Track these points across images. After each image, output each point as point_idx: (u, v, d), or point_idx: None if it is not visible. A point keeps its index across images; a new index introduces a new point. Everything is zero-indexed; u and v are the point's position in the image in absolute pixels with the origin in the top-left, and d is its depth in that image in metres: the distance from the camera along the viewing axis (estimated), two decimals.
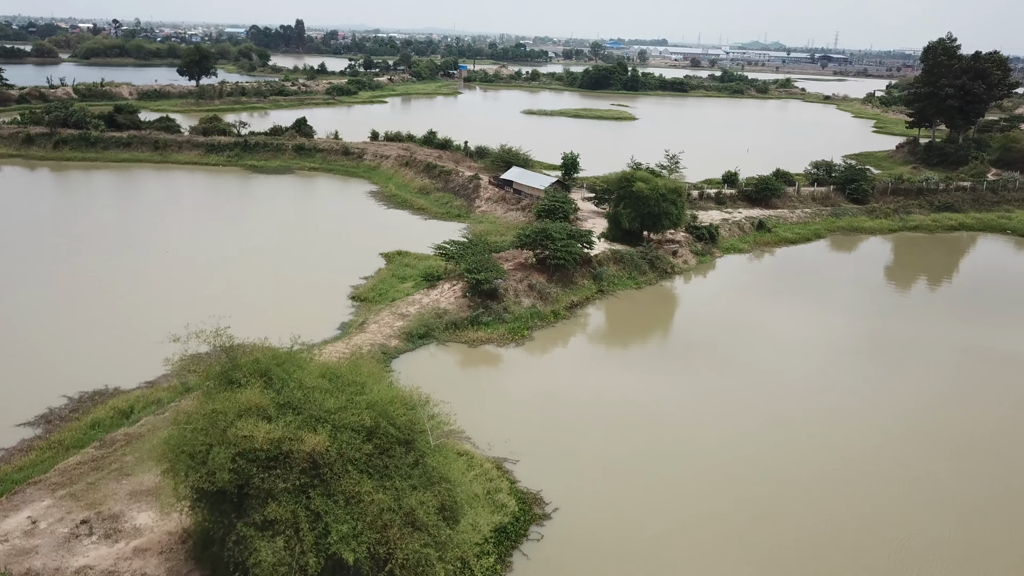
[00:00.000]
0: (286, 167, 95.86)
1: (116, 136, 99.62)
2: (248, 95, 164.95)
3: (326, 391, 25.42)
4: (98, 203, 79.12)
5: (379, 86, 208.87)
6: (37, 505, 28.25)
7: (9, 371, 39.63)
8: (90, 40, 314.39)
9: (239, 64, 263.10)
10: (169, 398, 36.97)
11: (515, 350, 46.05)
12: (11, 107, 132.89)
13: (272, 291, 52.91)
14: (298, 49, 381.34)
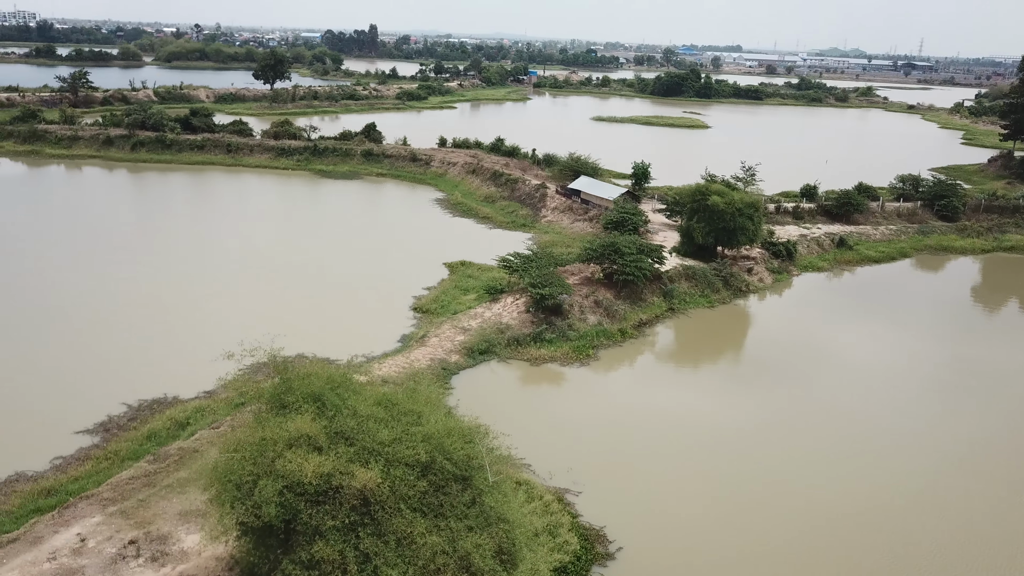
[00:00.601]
0: (354, 172, 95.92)
1: (191, 139, 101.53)
2: (320, 99, 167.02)
3: (381, 421, 24.01)
4: (171, 206, 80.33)
5: (449, 91, 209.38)
6: (87, 521, 27.63)
7: (73, 376, 39.62)
8: (172, 44, 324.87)
9: (313, 68, 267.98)
10: (225, 411, 36.25)
11: (579, 370, 44.11)
12: (95, 108, 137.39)
13: (335, 299, 52.22)
14: (371, 54, 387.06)
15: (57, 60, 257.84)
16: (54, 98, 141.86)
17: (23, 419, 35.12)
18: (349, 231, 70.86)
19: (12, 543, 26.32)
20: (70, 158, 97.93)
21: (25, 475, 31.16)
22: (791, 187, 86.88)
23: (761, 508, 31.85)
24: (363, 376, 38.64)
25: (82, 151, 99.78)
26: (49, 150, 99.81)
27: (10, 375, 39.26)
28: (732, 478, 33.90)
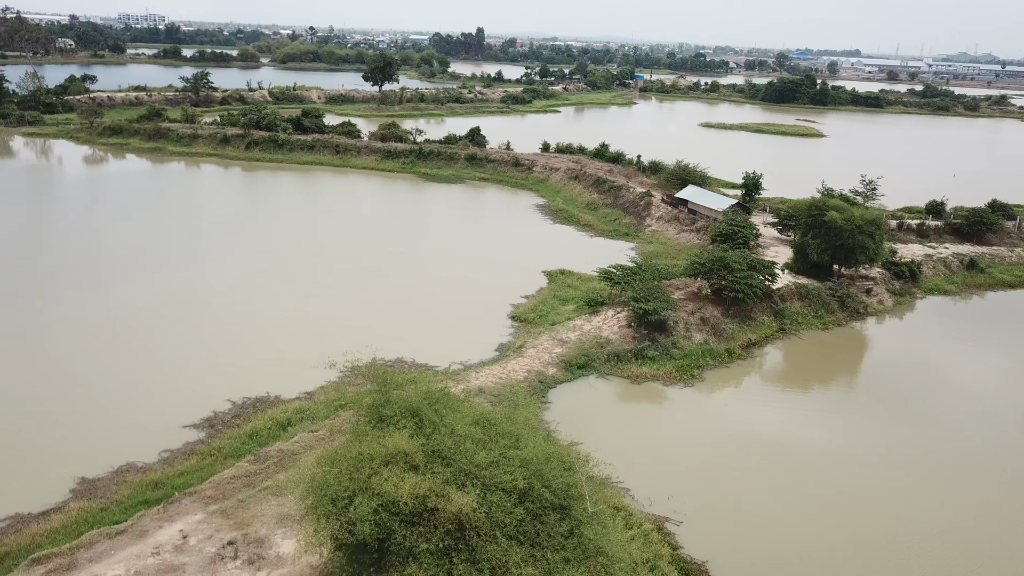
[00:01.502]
0: (457, 176, 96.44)
1: (301, 139, 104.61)
2: (426, 101, 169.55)
3: (478, 442, 23.30)
4: (281, 205, 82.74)
5: (553, 95, 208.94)
6: (190, 519, 28.10)
7: (184, 370, 40.81)
8: (288, 46, 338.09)
9: (420, 70, 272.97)
10: (324, 413, 36.54)
11: (683, 390, 42.34)
12: (214, 108, 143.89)
13: (434, 304, 52.15)
14: (477, 56, 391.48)
15: (182, 61, 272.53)
16: (177, 97, 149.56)
17: (136, 411, 36.31)
18: (450, 235, 71.01)
19: (120, 535, 27.01)
20: (190, 155, 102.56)
21: (135, 466, 32.13)
22: (915, 203, 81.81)
23: (879, 548, 29.52)
24: (459, 384, 38.24)
25: (201, 149, 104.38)
26: (171, 147, 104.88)
27: (127, 367, 40.80)
28: (847, 514, 31.67)
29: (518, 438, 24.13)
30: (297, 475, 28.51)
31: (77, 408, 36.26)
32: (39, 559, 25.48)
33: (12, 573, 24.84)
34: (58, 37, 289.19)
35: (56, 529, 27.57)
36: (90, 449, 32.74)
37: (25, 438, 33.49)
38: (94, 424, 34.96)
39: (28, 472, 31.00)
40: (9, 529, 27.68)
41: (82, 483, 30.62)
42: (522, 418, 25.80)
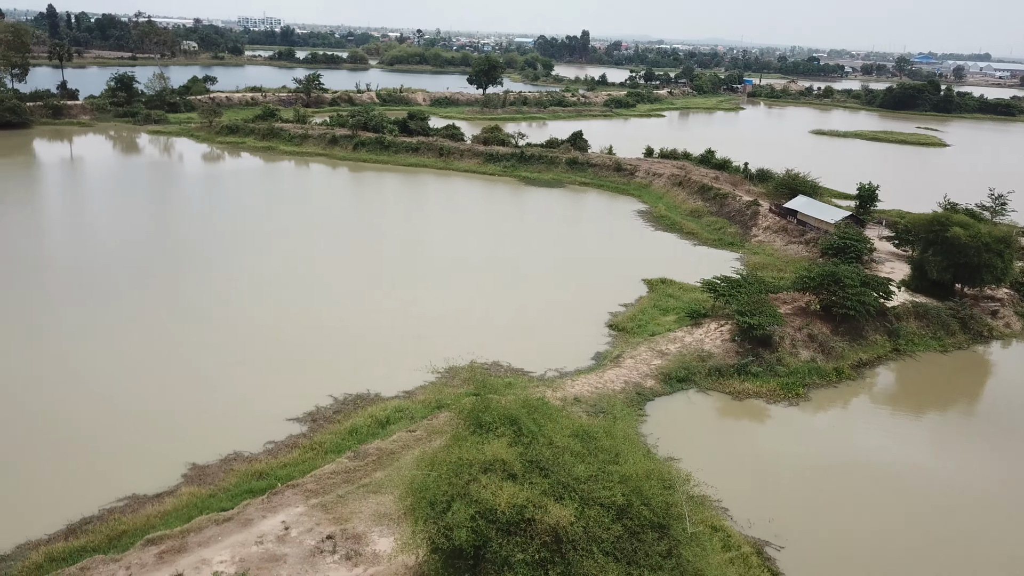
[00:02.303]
0: (558, 180, 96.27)
1: (407, 141, 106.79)
2: (529, 105, 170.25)
3: (577, 455, 23.01)
4: (385, 206, 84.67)
5: (657, 99, 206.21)
6: (291, 511, 28.91)
7: (289, 365, 42.13)
8: (396, 48, 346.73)
9: (524, 73, 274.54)
10: (422, 413, 36.96)
11: (787, 409, 40.71)
12: (324, 108, 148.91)
13: (531, 308, 52.12)
14: (581, 59, 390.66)
15: (295, 62, 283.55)
16: (290, 98, 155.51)
17: (245, 402, 37.71)
18: (549, 240, 70.88)
19: (227, 521, 28.06)
20: (300, 155, 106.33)
21: (242, 455, 33.34)
22: None
23: None
24: (555, 392, 38.13)
25: (311, 149, 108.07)
26: (283, 147, 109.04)
27: (239, 359, 42.45)
28: (965, 552, 29.65)
29: (617, 453, 23.72)
30: (396, 475, 28.96)
31: (191, 396, 37.96)
32: (153, 540, 26.75)
33: (129, 551, 26.17)
34: (183, 40, 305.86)
35: (168, 512, 28.90)
36: (201, 437, 34.18)
37: (144, 423, 35.29)
38: (206, 413, 36.49)
39: (145, 456, 32.60)
40: (127, 509, 29.20)
41: (193, 469, 32.02)
42: (622, 433, 25.35)
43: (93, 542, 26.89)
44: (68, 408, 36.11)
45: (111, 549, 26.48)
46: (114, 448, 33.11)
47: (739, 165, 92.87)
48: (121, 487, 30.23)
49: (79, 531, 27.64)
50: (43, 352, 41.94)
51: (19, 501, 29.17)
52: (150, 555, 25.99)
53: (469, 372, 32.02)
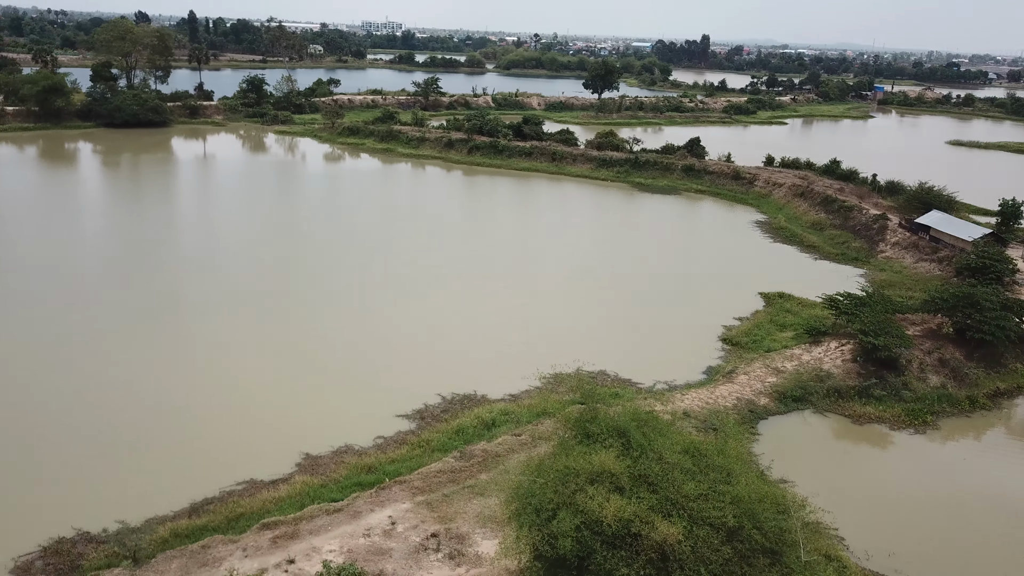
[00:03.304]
0: (672, 187, 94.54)
1: (520, 145, 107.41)
2: (645, 110, 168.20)
3: (687, 472, 22.35)
4: (498, 210, 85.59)
5: (780, 106, 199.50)
6: (398, 506, 29.47)
7: (401, 362, 43.05)
8: (512, 53, 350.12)
9: (640, 78, 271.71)
10: (528, 417, 36.97)
11: (913, 438, 38.33)
12: (441, 112, 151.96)
13: (641, 318, 51.31)
14: (700, 64, 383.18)
15: (415, 66, 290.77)
16: (409, 101, 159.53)
17: (357, 396, 38.79)
18: (661, 248, 69.69)
19: (337, 512, 28.89)
20: (416, 157, 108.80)
21: (352, 448, 34.29)
22: None
23: None
24: (664, 405, 37.31)
25: (427, 152, 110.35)
26: (401, 149, 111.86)
27: (354, 354, 43.73)
28: None
29: (729, 472, 22.93)
30: (501, 478, 29.01)
31: (308, 389, 39.31)
32: (268, 524, 27.86)
33: (246, 533, 27.35)
34: (310, 43, 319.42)
35: (282, 498, 30.02)
36: (315, 428, 35.35)
37: (264, 412, 36.83)
38: (320, 406, 37.71)
39: (263, 443, 34.00)
40: (244, 492, 30.54)
41: (306, 459, 33.15)
42: (734, 452, 24.52)
43: (213, 522, 28.26)
44: (196, 395, 38.16)
45: (229, 530, 27.75)
46: (235, 435, 34.71)
47: (866, 176, 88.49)
48: (240, 472, 31.65)
49: (201, 511, 29.10)
50: (173, 342, 44.48)
51: (149, 480, 30.98)
52: (265, 539, 27.08)
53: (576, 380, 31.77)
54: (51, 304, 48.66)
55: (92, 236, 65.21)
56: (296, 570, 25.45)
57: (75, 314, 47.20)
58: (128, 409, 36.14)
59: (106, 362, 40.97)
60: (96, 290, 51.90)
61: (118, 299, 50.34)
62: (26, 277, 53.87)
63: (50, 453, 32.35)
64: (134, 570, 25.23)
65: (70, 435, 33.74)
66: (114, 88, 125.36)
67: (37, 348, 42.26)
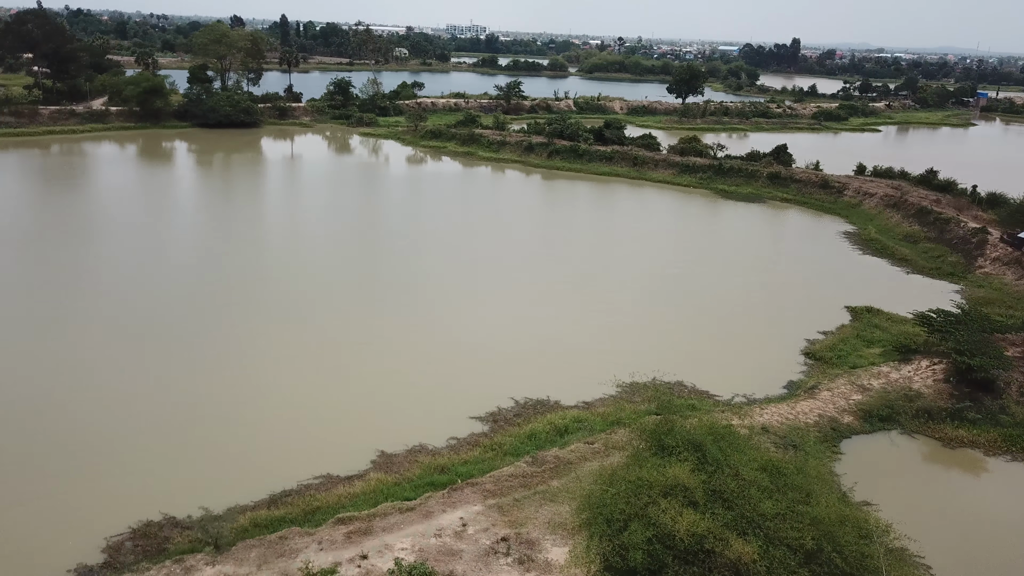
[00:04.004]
0: (757, 195, 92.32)
1: (601, 150, 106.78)
2: (730, 115, 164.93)
3: (764, 490, 21.86)
4: (577, 215, 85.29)
5: (873, 112, 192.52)
6: (470, 508, 29.65)
7: (475, 365, 43.40)
8: (595, 56, 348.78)
9: (726, 83, 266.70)
10: (601, 426, 36.64)
11: (1010, 464, 36.26)
12: (523, 115, 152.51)
13: (720, 328, 50.26)
14: (789, 69, 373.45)
15: (497, 69, 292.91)
16: (490, 104, 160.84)
17: (432, 398, 39.15)
18: (743, 257, 68.07)
19: (410, 511, 29.27)
20: (496, 161, 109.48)
21: (426, 448, 34.69)
22: None
23: None
24: (742, 419, 36.41)
25: (507, 155, 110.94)
26: (481, 152, 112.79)
27: (430, 357, 44.23)
28: None
29: (809, 493, 22.30)
30: (572, 486, 28.94)
31: (385, 387, 40.00)
32: (343, 519, 28.47)
33: (322, 527, 28.02)
34: (395, 47, 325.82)
35: (357, 494, 30.59)
36: (391, 427, 35.90)
37: (342, 409, 37.66)
38: (396, 404, 38.29)
39: (339, 439, 34.73)
40: (321, 487, 31.28)
41: (381, 456, 33.71)
42: (814, 471, 23.83)
43: (291, 514, 29.03)
44: (279, 390, 39.31)
45: (306, 523, 28.46)
46: (314, 430, 35.56)
47: (965, 187, 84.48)
48: (318, 466, 32.43)
49: (279, 502, 29.94)
50: (258, 338, 45.95)
51: (232, 470, 32.09)
52: (339, 533, 27.67)
53: (652, 390, 31.52)
54: (145, 293, 51.03)
55: (186, 232, 68.06)
56: (368, 566, 25.90)
57: (168, 305, 49.37)
58: (214, 401, 37.53)
59: (196, 354, 42.62)
60: (188, 282, 54.06)
61: (206, 293, 52.35)
62: (127, 266, 56.61)
63: (142, 440, 33.85)
64: (215, 556, 26.15)
65: (161, 424, 35.26)
66: (209, 90, 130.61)
67: (133, 338, 44.33)
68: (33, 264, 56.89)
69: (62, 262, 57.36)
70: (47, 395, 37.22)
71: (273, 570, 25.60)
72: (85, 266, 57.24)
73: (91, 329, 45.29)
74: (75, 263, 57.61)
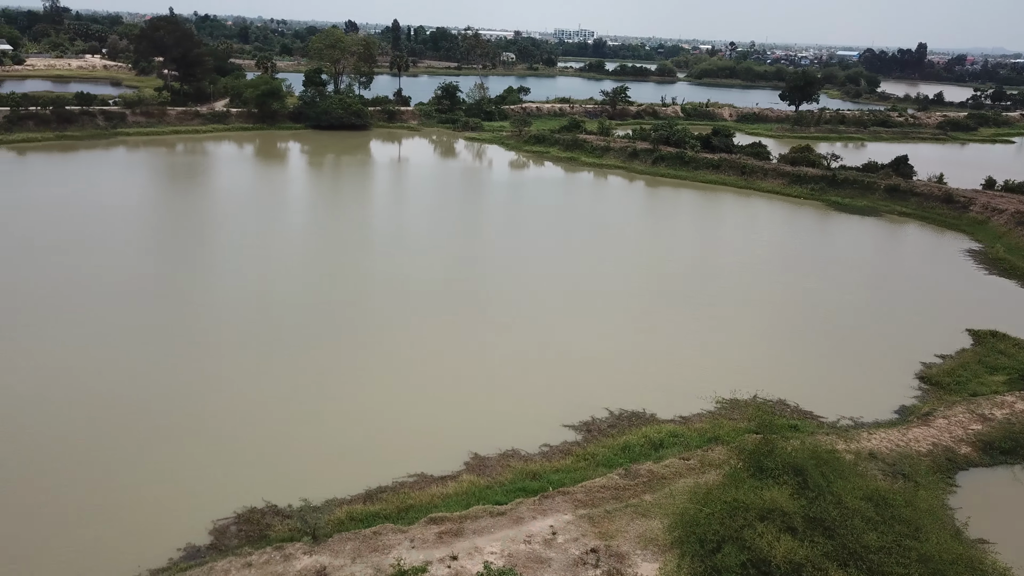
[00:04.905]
0: (873, 208, 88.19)
1: (707, 158, 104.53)
2: (847, 124, 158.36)
3: (869, 521, 20.85)
4: (680, 224, 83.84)
5: (1007, 122, 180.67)
6: (560, 517, 29.58)
7: (571, 375, 43.18)
8: (705, 61, 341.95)
9: (844, 90, 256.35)
10: (697, 442, 35.88)
11: None
12: (628, 121, 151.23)
13: (829, 348, 48.26)
14: (913, 75, 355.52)
15: (604, 74, 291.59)
16: (596, 110, 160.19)
17: (527, 404, 39.28)
18: (856, 272, 65.15)
19: (500, 515, 29.45)
20: (599, 167, 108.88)
21: (519, 453, 34.84)
22: None
23: None
24: (847, 443, 34.81)
25: (610, 161, 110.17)
26: (584, 158, 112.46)
27: (526, 363, 44.43)
28: None
29: (918, 527, 21.10)
30: (666, 501, 28.46)
31: (481, 391, 40.42)
32: (435, 519, 28.93)
33: (414, 525, 28.56)
34: (503, 52, 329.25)
35: (450, 495, 31.04)
36: (485, 430, 36.25)
37: (438, 410, 38.27)
38: (491, 408, 38.64)
39: (434, 440, 35.30)
40: (415, 485, 31.89)
41: (474, 459, 34.08)
42: (925, 504, 22.51)
43: (385, 510, 29.73)
44: (378, 389, 40.33)
45: (399, 520, 29.08)
46: (410, 429, 36.27)
47: None
48: (413, 465, 33.10)
49: (375, 498, 30.72)
50: (361, 340, 47.26)
51: (331, 464, 33.13)
52: (431, 532, 28.14)
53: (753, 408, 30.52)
54: (260, 294, 53.48)
55: (298, 234, 70.81)
56: (458, 567, 26.22)
57: (280, 306, 51.53)
58: (318, 399, 38.79)
59: (303, 355, 44.18)
60: (300, 286, 56.18)
61: (315, 296, 54.29)
62: (246, 267, 59.50)
63: (251, 431, 35.42)
64: (312, 546, 27.08)
65: (268, 417, 36.79)
66: (322, 93, 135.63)
67: (249, 337, 46.50)
68: (163, 263, 60.58)
69: (186, 263, 60.98)
70: (169, 386, 39.45)
71: (366, 564, 26.29)
72: (208, 268, 60.60)
73: (212, 328, 47.74)
74: (198, 264, 61.13)
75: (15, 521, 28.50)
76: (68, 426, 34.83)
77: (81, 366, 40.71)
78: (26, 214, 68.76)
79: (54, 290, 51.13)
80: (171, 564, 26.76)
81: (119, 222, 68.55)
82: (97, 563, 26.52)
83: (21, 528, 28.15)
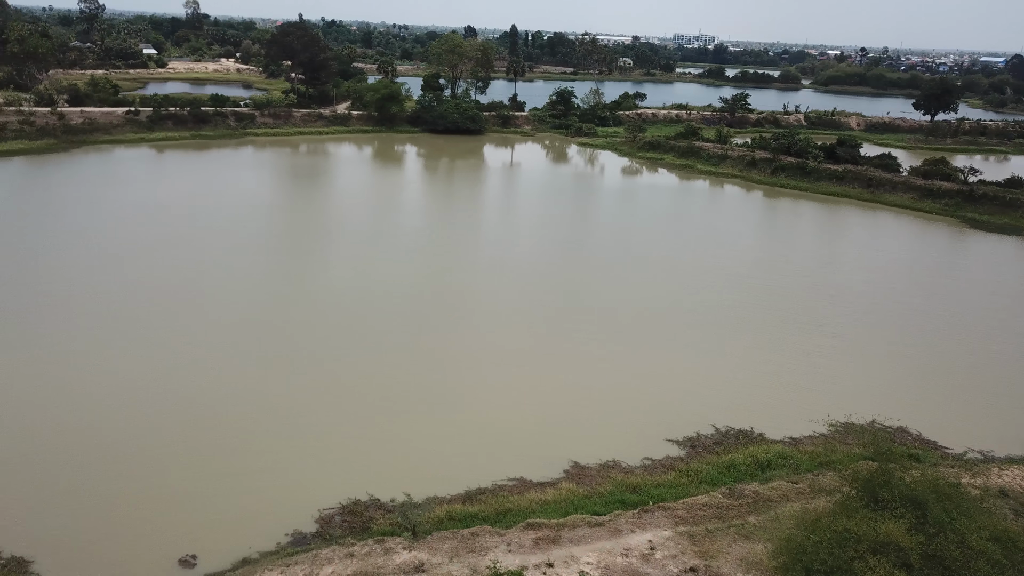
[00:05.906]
0: (1014, 227, 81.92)
1: (831, 169, 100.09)
2: (988, 135, 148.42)
3: (995, 563, 19.45)
4: (798, 238, 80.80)
5: None
6: (659, 532, 29.07)
7: (678, 389, 42.45)
8: (832, 68, 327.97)
9: (987, 99, 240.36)
10: (808, 465, 34.46)
11: None
12: (747, 129, 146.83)
13: (958, 374, 45.39)
14: None
15: (724, 81, 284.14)
16: (713, 117, 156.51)
17: (629, 415, 38.82)
18: (991, 293, 60.82)
19: (598, 526, 29.25)
20: (715, 175, 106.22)
21: (619, 465, 34.47)
22: None
23: None
24: (974, 478, 32.62)
25: (727, 170, 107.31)
26: (700, 166, 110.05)
27: (630, 375, 43.89)
28: None
29: None
30: (771, 526, 27.53)
31: (583, 400, 40.18)
32: (532, 524, 28.99)
33: (512, 529, 28.72)
34: (620, 57, 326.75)
35: (548, 501, 31.03)
36: (586, 439, 36.06)
37: (540, 416, 38.36)
38: (593, 418, 38.35)
39: (535, 446, 35.38)
40: (514, 489, 32.07)
41: (574, 467, 33.95)
42: None
43: (483, 512, 30.02)
44: (481, 393, 40.81)
45: (497, 522, 29.29)
46: (512, 433, 36.50)
47: None
48: (512, 469, 33.27)
49: (474, 499, 31.07)
50: (465, 344, 47.91)
51: (433, 462, 33.77)
52: (528, 538, 28.22)
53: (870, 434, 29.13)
54: (372, 292, 55.23)
55: (408, 236, 72.67)
56: (554, 575, 26.18)
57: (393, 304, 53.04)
58: (423, 398, 39.59)
59: (411, 354, 45.25)
60: (412, 285, 57.56)
61: (428, 295, 55.51)
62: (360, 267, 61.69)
63: (358, 426, 36.59)
64: (412, 542, 27.68)
65: (376, 413, 37.91)
66: (440, 97, 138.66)
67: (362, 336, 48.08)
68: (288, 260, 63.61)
69: (306, 259, 63.79)
70: (286, 380, 41.29)
71: (463, 564, 26.64)
72: (325, 264, 63.22)
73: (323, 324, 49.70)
74: (315, 259, 63.80)
75: (148, 498, 30.53)
76: (193, 414, 36.94)
77: (206, 357, 43.17)
78: (161, 211, 73.58)
79: (187, 281, 54.45)
80: (279, 548, 27.98)
81: (248, 220, 72.40)
82: (214, 542, 28.04)
83: (153, 506, 30.15)
